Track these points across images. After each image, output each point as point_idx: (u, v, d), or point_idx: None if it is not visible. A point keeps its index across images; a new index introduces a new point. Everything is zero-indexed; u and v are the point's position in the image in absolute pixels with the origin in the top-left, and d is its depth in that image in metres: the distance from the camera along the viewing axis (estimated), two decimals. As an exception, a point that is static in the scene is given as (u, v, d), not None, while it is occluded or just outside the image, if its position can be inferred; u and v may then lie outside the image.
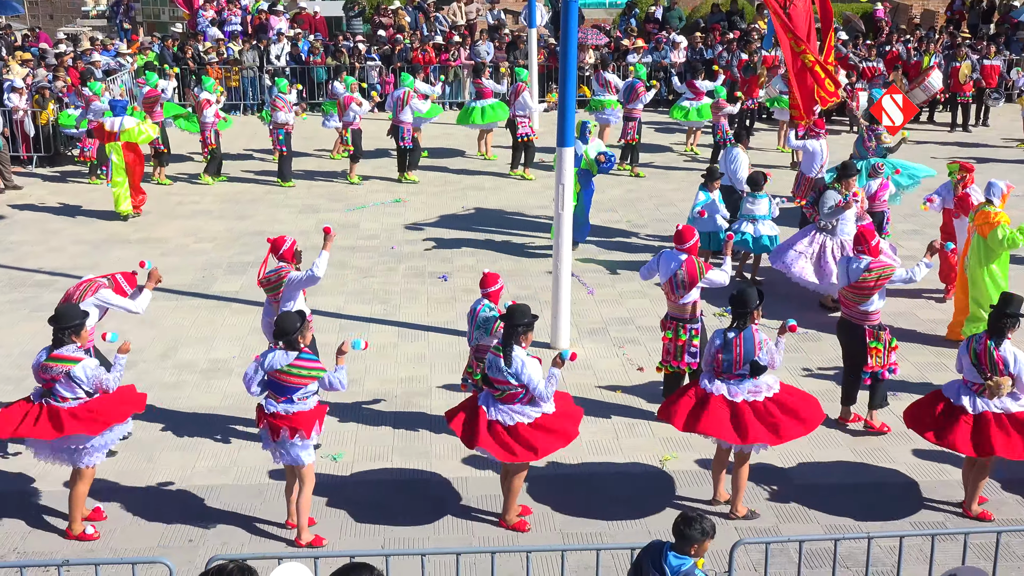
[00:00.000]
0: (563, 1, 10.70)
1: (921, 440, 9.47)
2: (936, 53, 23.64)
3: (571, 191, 11.13)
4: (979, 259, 11.45)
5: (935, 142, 21.75)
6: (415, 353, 11.75)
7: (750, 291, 8.44)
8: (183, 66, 24.08)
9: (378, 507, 8.66)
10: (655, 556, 5.96)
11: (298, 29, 26.86)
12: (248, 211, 17.16)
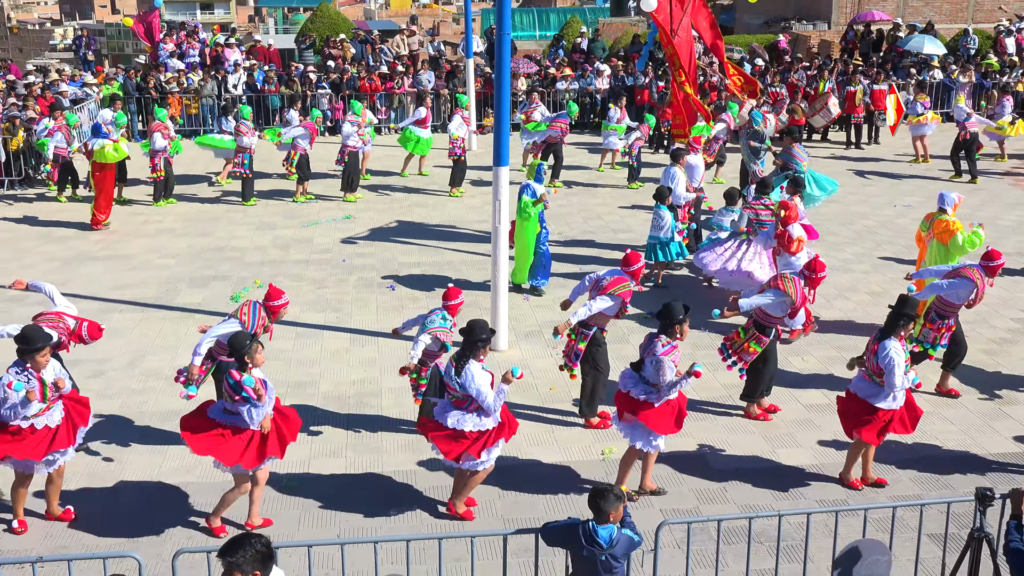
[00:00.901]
0: (497, 33, 10.73)
1: (824, 428, 9.70)
2: (831, 79, 24.11)
3: (507, 206, 11.13)
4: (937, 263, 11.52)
5: (833, 158, 22.20)
6: (366, 357, 11.69)
7: (676, 305, 8.26)
8: (146, 95, 23.77)
9: (333, 500, 8.60)
10: (586, 535, 6.04)
11: (253, 60, 26.68)
12: (209, 229, 16.95)
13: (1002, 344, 11.90)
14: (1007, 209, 17.96)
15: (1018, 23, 31.64)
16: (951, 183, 19.65)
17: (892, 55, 28.43)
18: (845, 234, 16.30)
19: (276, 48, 29.40)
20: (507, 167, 11.03)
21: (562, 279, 13.84)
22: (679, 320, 8.14)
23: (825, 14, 39.05)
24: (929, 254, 11.94)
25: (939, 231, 11.73)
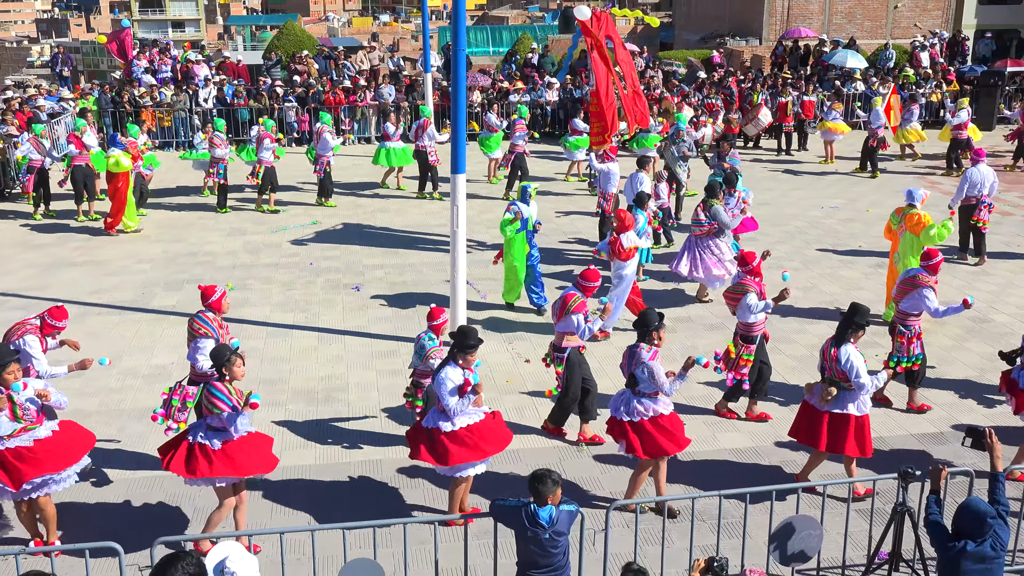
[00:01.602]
0: (453, 49, 10.71)
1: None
2: (764, 91, 24.38)
3: (463, 211, 11.10)
4: (905, 258, 11.94)
5: (765, 161, 22.44)
6: (333, 354, 11.62)
7: (651, 313, 8.08)
8: (120, 109, 23.42)
9: (304, 488, 8.54)
10: (528, 517, 6.10)
11: (223, 75, 26.40)
12: (182, 235, 16.74)
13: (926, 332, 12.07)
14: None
15: (931, 39, 32.23)
16: (856, 176, 20.91)
17: (818, 68, 28.80)
18: (776, 234, 16.48)
19: (245, 64, 29.09)
20: (463, 174, 11.01)
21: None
22: (655, 327, 7.96)
23: (756, 31, 39.47)
24: (902, 246, 12.15)
25: (911, 224, 12.00)
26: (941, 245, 11.60)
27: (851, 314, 8.17)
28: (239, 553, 5.52)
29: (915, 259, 11.53)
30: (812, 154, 23.41)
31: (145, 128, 20.11)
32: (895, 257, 12.30)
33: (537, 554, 6.16)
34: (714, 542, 7.13)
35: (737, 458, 9.12)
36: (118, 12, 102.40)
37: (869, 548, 7.12)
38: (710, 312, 12.88)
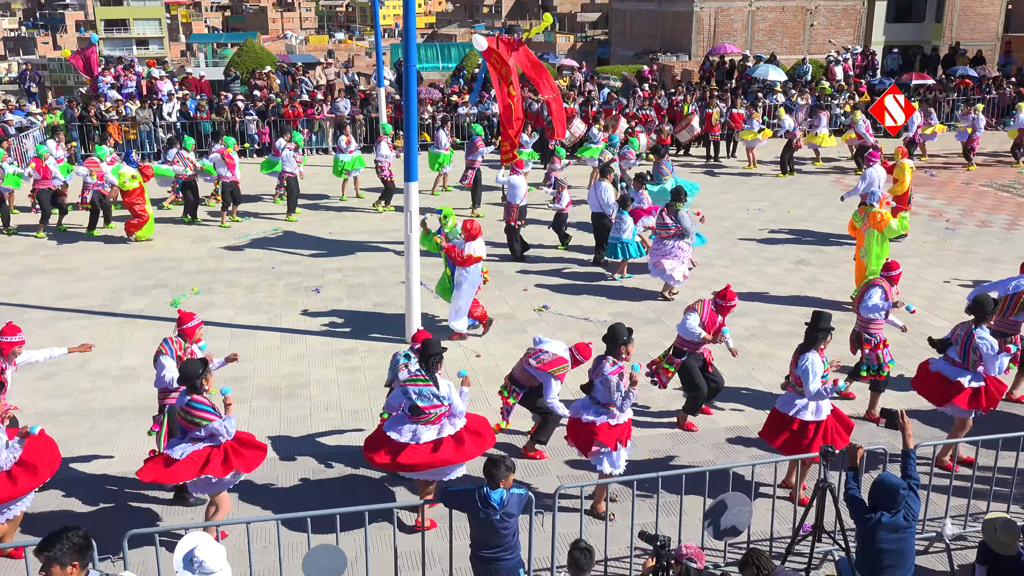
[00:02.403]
0: (405, 65, 10.67)
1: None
2: (693, 103, 24.62)
3: (416, 217, 11.07)
4: (870, 251, 12.34)
5: (696, 167, 22.67)
6: (295, 353, 11.50)
7: (620, 327, 7.90)
8: (87, 123, 22.92)
9: (269, 479, 8.44)
10: (481, 499, 6.10)
11: (186, 90, 25.98)
12: (149, 243, 16.41)
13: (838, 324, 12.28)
14: (826, 202, 18.62)
15: (844, 54, 32.84)
16: (778, 179, 21.43)
17: (742, 82, 29.18)
18: (708, 234, 16.63)
19: (207, 79, 28.65)
20: (416, 182, 10.97)
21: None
22: (623, 341, 7.81)
23: (686, 47, 39.90)
24: (868, 241, 12.50)
25: (874, 222, 12.37)
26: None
27: (816, 321, 7.97)
28: (207, 543, 5.45)
29: (880, 249, 12.25)
30: (740, 162, 23.71)
31: (111, 142, 19.67)
32: (861, 252, 12.63)
33: (490, 534, 6.17)
34: (653, 519, 7.19)
35: (673, 442, 9.18)
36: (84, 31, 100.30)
37: (794, 521, 7.23)
38: (648, 308, 12.99)
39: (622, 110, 23.74)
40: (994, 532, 6.68)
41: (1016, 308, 9.75)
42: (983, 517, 7.16)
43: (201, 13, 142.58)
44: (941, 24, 42.69)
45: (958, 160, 23.08)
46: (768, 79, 28.33)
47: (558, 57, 40.66)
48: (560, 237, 15.75)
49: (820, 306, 12.99)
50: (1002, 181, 21.25)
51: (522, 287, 13.78)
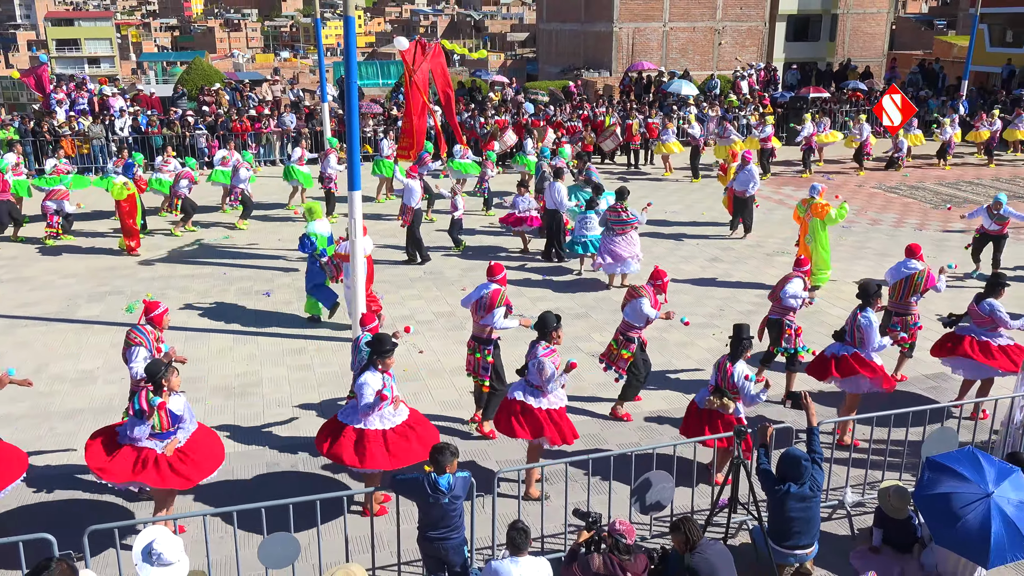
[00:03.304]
0: (346, 82, 10.55)
1: (614, 392, 9.95)
2: (615, 114, 24.85)
3: (359, 223, 10.94)
4: (816, 236, 13.05)
5: (617, 174, 22.88)
6: (247, 353, 11.28)
7: (549, 315, 7.85)
8: (40, 139, 22.14)
9: (225, 474, 8.24)
10: (430, 484, 6.07)
11: (137, 107, 25.29)
12: (104, 252, 15.94)
13: (749, 315, 12.55)
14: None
15: (749, 70, 33.51)
16: (691, 184, 21.79)
17: (659, 95, 29.57)
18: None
19: (157, 96, 27.94)
20: (359, 191, 10.84)
21: (415, 276, 13.69)
22: (553, 327, 7.79)
23: (607, 64, 40.28)
24: (812, 229, 13.11)
25: (816, 212, 12.98)
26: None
27: (738, 333, 7.94)
28: (165, 535, 5.32)
29: (823, 234, 13.06)
30: (657, 169, 24.01)
31: (61, 154, 19.00)
32: (807, 238, 13.27)
33: (438, 517, 6.14)
34: (585, 498, 7.24)
35: (601, 427, 9.25)
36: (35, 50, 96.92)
37: (712, 495, 7.35)
38: (576, 303, 13.07)
39: (549, 121, 23.85)
40: (888, 498, 6.89)
41: (910, 291, 10.08)
42: (879, 485, 7.38)
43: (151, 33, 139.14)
44: (834, 43, 43.89)
45: (851, 165, 23.75)
46: (682, 93, 28.76)
47: (490, 74, 40.65)
48: (455, 242, 15.76)
49: (733, 294, 13.28)
50: (890, 184, 21.94)
51: (461, 287, 13.74)
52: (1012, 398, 7.92)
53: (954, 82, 31.97)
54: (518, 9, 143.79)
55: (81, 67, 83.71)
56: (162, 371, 7.00)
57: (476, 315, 9.02)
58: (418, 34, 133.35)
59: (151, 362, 7.20)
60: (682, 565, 5.86)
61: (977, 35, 31.99)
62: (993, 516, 6.16)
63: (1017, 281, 13.85)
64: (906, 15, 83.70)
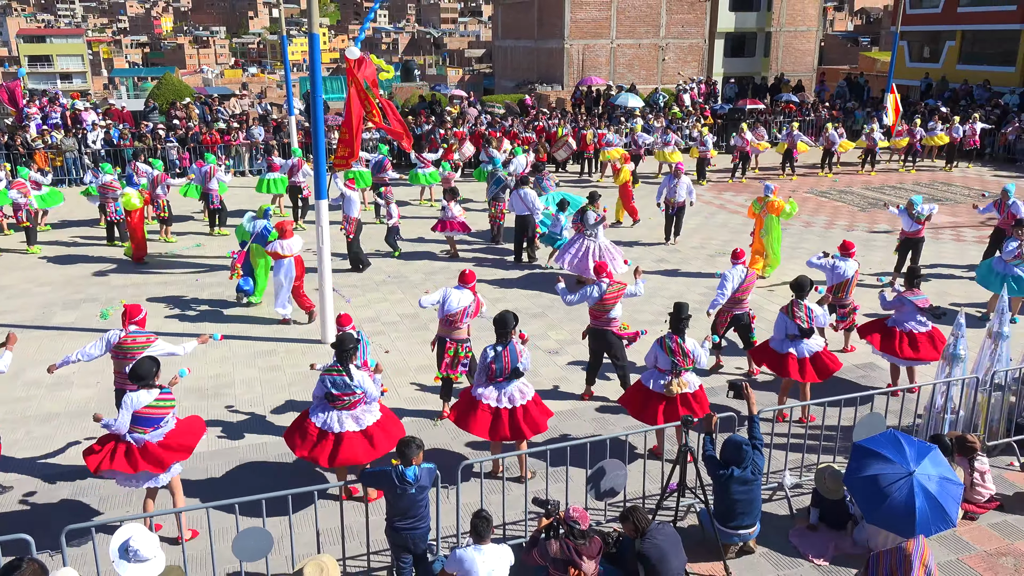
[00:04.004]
0: (312, 96, 10.46)
1: (574, 383, 9.99)
2: (567, 126, 24.96)
3: (327, 230, 10.86)
4: (770, 230, 13.73)
5: (570, 182, 22.99)
6: (220, 356, 11.09)
7: (508, 315, 7.76)
8: (14, 152, 21.57)
9: (198, 471, 8.12)
10: (398, 476, 6.04)
11: (109, 120, 24.78)
12: (79, 260, 15.57)
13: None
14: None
15: (691, 84, 33.90)
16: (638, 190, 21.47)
17: (607, 107, 29.77)
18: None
19: (128, 110, 27.40)
20: (326, 200, 10.77)
21: (388, 279, 13.57)
22: (512, 327, 7.73)
23: (559, 78, 40.46)
24: (768, 224, 13.71)
25: (771, 208, 13.63)
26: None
27: (678, 313, 7.98)
28: (141, 533, 5.22)
29: (777, 228, 13.76)
30: (607, 177, 24.17)
31: (35, 168, 18.55)
32: (761, 232, 13.88)
33: (406, 507, 6.11)
34: (544, 487, 7.25)
35: (557, 419, 9.27)
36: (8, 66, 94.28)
37: (662, 481, 7.41)
38: (532, 303, 13.10)
39: (504, 132, 23.88)
40: (823, 480, 7.02)
41: (849, 290, 10.58)
42: (815, 468, 7.51)
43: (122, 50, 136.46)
44: (768, 58, 44.62)
45: (788, 171, 24.14)
46: (628, 105, 29.01)
47: (449, 88, 40.58)
48: (392, 247, 15.63)
49: (681, 292, 13.40)
50: (821, 188, 22.35)
51: (424, 289, 13.69)
52: (933, 384, 8.12)
53: (878, 94, 32.71)
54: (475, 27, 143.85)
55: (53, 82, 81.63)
56: (153, 371, 6.86)
57: (462, 321, 8.91)
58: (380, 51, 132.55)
59: (139, 361, 6.97)
60: (635, 549, 5.91)
61: (898, 51, 32.77)
62: (916, 493, 6.30)
63: (937, 278, 14.22)
64: (833, 33, 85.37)
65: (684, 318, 7.95)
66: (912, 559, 5.24)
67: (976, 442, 7.45)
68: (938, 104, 28.84)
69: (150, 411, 6.77)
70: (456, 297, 8.92)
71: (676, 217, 16.32)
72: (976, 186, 22.42)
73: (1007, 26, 34.01)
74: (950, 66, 36.49)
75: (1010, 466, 8.16)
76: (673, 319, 8.00)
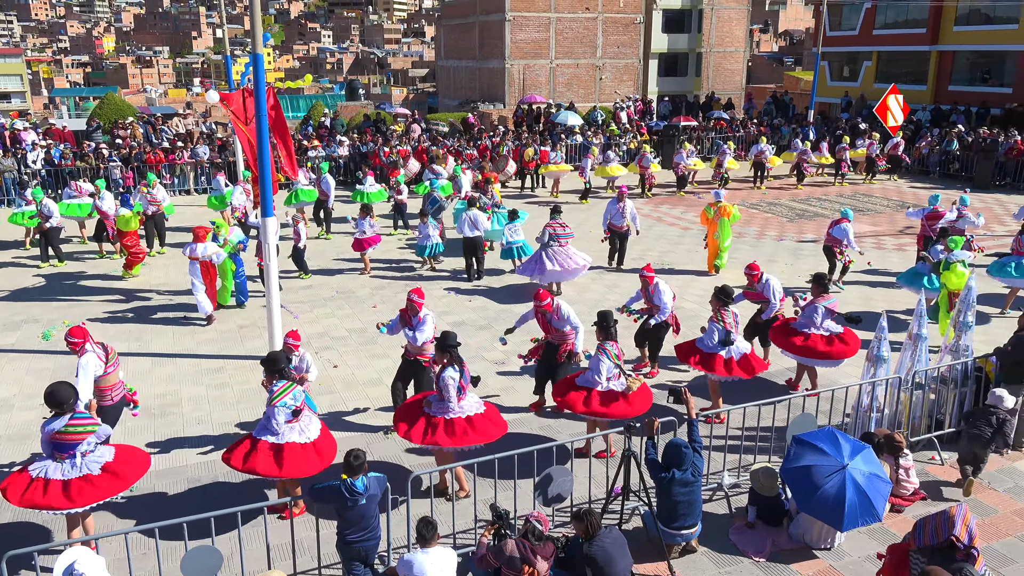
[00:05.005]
0: (256, 115, 10.28)
1: (522, 394, 9.98)
2: (509, 143, 25.06)
3: (274, 248, 10.66)
4: (722, 232, 14.89)
5: (512, 197, 23.06)
6: (166, 374, 10.79)
7: (450, 334, 7.60)
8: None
9: (146, 492, 7.86)
10: (347, 489, 5.96)
11: (50, 140, 23.99)
12: (19, 282, 14.99)
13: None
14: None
15: (627, 102, 34.41)
16: (581, 204, 21.88)
17: (548, 125, 30.00)
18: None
19: (70, 130, 26.57)
20: (273, 217, 10.59)
21: (333, 296, 13.37)
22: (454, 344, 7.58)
23: (501, 97, 40.66)
24: (720, 228, 14.85)
25: (723, 213, 14.79)
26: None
27: (603, 321, 8.12)
28: (86, 556, 5.02)
29: (727, 230, 14.85)
30: (545, 191, 24.31)
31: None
32: (715, 235, 14.93)
33: (357, 519, 6.02)
34: (492, 495, 7.21)
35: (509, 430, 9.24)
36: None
37: (607, 485, 7.45)
38: (479, 316, 13.08)
39: (448, 151, 23.86)
40: (759, 479, 7.15)
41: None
42: (751, 468, 7.64)
43: (62, 69, 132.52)
44: (700, 77, 45.61)
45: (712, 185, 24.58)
46: (568, 123, 29.28)
47: (393, 107, 40.42)
48: (299, 268, 15.12)
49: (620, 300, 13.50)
50: (752, 201, 22.86)
51: (371, 304, 13.56)
52: (860, 385, 8.35)
53: (802, 111, 33.69)
54: (418, 47, 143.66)
55: (-9, 102, 78.76)
56: (71, 400, 6.61)
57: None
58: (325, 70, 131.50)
59: (56, 387, 6.65)
60: (582, 552, 5.92)
61: (820, 71, 33.86)
62: (847, 485, 6.47)
63: (859, 284, 14.66)
64: (760, 53, 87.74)
65: (612, 324, 8.18)
66: (955, 519, 5.51)
67: (902, 441, 7.69)
68: (858, 120, 29.81)
69: (63, 437, 6.50)
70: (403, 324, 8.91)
71: (620, 242, 15.72)
72: (894, 197, 23.23)
73: (918, 47, 35.44)
74: (868, 84, 37.83)
75: (932, 460, 8.43)
76: (603, 326, 8.17)
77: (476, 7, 42.28)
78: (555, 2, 40.53)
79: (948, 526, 5.57)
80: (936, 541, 5.59)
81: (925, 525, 5.72)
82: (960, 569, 5.41)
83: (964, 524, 5.56)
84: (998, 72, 33.62)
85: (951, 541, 5.52)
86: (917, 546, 5.71)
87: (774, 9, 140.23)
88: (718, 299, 9.25)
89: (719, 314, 9.14)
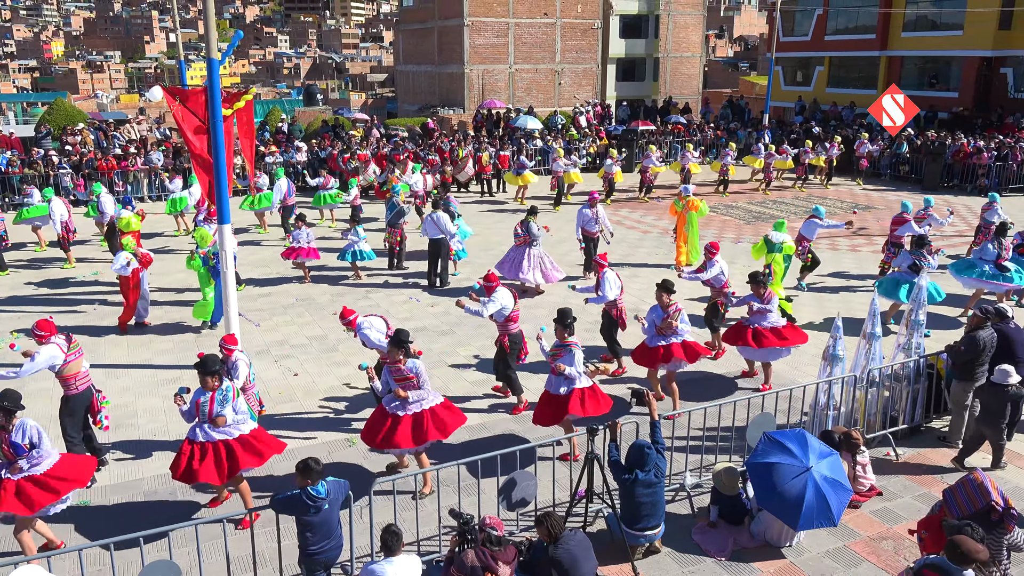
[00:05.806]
0: (211, 120, 10.13)
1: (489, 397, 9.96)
2: (468, 148, 25.03)
3: (232, 256, 10.51)
4: (691, 225, 15.34)
5: (472, 201, 23.04)
6: (122, 386, 10.56)
7: (403, 331, 7.67)
8: None
9: (100, 507, 7.67)
10: (308, 497, 5.90)
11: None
12: (-36, 292, 14.58)
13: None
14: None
15: (587, 106, 34.66)
16: (554, 212, 21.60)
17: (507, 130, 30.06)
18: (486, 257, 16.90)
19: (17, 136, 25.88)
20: (229, 224, 10.43)
21: (290, 304, 13.20)
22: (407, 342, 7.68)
23: (460, 102, 40.63)
24: (689, 219, 15.35)
25: (691, 206, 15.34)
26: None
27: (563, 318, 8.20)
28: (38, 573, 4.88)
29: (695, 223, 15.35)
30: (508, 196, 24.32)
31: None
32: (685, 227, 15.38)
33: (318, 525, 5.94)
34: (456, 501, 7.18)
35: (472, 435, 9.22)
36: None
37: (571, 488, 7.47)
38: (441, 322, 13.03)
39: (409, 156, 23.75)
40: (721, 478, 7.23)
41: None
42: (712, 468, 7.72)
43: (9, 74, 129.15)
44: (657, 82, 46.11)
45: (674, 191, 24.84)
46: (528, 127, 29.37)
47: (352, 112, 40.14)
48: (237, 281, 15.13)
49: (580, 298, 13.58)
50: (711, 204, 23.13)
51: (332, 311, 13.42)
52: (817, 384, 8.50)
53: (757, 115, 34.26)
54: (377, 52, 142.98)
55: (-66, 108, 76.29)
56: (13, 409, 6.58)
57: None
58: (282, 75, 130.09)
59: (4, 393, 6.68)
60: (547, 555, 5.93)
61: (774, 76, 34.48)
62: (808, 487, 6.57)
63: (815, 291, 14.93)
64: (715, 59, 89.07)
65: (572, 320, 8.26)
66: (985, 484, 5.60)
67: (860, 439, 7.84)
68: (811, 125, 30.40)
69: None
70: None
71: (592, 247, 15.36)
72: (848, 199, 23.71)
73: (868, 53, 36.30)
74: (820, 89, 38.63)
75: (887, 456, 8.61)
76: (564, 322, 8.22)
77: (435, 12, 42.23)
78: (514, 7, 40.67)
79: (982, 492, 5.62)
80: (973, 509, 5.64)
81: (955, 495, 5.79)
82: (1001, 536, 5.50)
83: (995, 488, 5.66)
84: (944, 77, 34.60)
85: (991, 506, 5.58)
86: (955, 516, 5.74)
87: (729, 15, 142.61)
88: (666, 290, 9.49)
89: (661, 300, 9.44)
